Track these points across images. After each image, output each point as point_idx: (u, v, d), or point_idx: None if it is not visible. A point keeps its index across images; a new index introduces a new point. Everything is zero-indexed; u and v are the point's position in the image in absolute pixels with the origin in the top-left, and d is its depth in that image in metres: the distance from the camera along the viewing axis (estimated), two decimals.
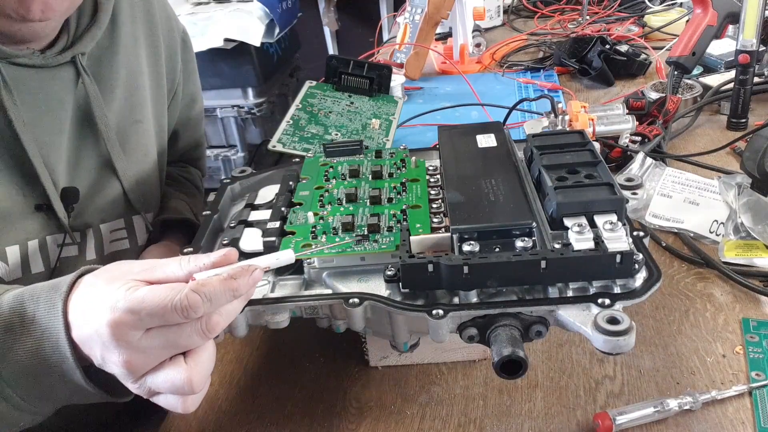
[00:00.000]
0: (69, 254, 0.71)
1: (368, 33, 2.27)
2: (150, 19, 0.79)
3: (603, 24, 1.54)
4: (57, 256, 0.70)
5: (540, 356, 0.62)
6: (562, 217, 0.52)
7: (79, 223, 0.72)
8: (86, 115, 0.70)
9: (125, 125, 0.75)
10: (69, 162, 0.70)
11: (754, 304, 0.66)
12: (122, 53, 0.74)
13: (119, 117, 0.74)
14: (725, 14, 1.00)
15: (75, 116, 0.70)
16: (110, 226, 0.75)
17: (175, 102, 0.88)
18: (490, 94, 1.23)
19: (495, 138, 0.68)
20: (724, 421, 0.53)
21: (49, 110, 0.67)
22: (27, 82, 0.65)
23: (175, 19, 0.86)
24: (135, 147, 0.77)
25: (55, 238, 0.70)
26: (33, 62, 0.65)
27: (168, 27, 0.83)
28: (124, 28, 0.75)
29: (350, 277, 0.55)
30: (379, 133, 0.90)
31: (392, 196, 0.62)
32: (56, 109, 0.68)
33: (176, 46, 0.85)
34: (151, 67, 0.80)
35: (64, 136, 0.69)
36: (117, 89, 0.74)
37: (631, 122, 0.91)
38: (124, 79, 0.75)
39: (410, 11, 1.32)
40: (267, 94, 2.30)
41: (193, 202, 0.87)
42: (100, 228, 0.74)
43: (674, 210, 0.78)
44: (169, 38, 0.84)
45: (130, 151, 0.76)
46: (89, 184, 0.72)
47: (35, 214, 0.67)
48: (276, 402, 0.61)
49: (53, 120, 0.68)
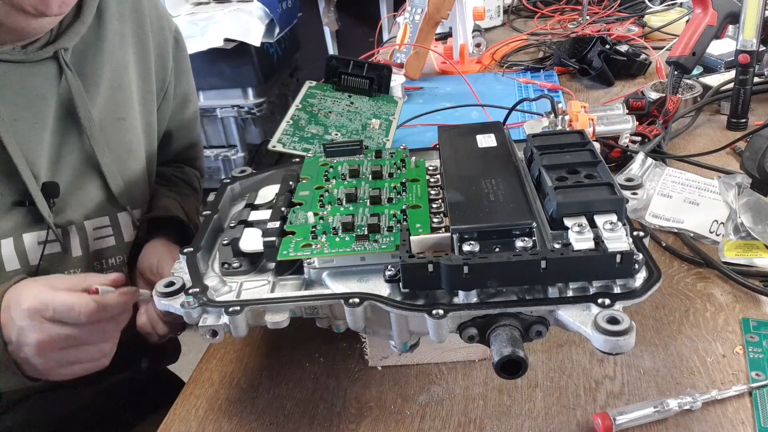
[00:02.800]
0: (53, 251, 0.71)
1: (368, 33, 2.27)
2: (139, 16, 0.79)
3: (603, 24, 1.54)
4: (41, 253, 0.69)
5: (540, 356, 0.62)
6: (562, 217, 0.52)
7: (62, 219, 0.71)
8: (69, 111, 0.70)
9: (109, 122, 0.75)
10: (51, 157, 0.69)
11: (754, 304, 0.66)
12: (108, 50, 0.74)
13: (103, 113, 0.74)
14: (725, 14, 1.00)
15: (58, 111, 0.69)
16: (94, 223, 0.75)
17: (167, 101, 0.87)
18: (490, 94, 1.23)
19: (495, 138, 0.68)
20: (724, 421, 0.53)
21: (30, 105, 0.67)
22: (8, 76, 0.65)
23: (166, 18, 0.85)
24: (119, 143, 0.76)
25: (37, 236, 0.69)
26: (14, 57, 0.65)
27: (158, 25, 0.83)
28: (110, 25, 0.74)
29: (350, 277, 0.55)
30: (379, 133, 0.90)
31: (392, 196, 0.62)
32: (38, 104, 0.67)
33: (167, 45, 0.84)
34: (139, 65, 0.80)
35: (46, 131, 0.68)
36: (101, 85, 0.73)
37: (631, 122, 0.91)
38: (108, 76, 0.74)
39: (410, 11, 1.32)
40: (267, 94, 2.30)
41: (185, 201, 0.86)
42: (84, 225, 0.73)
43: (674, 210, 0.77)
44: (160, 36, 0.83)
45: (113, 148, 0.75)
46: (71, 180, 0.71)
47: (12, 211, 0.67)
48: (276, 402, 0.61)
49: (35, 115, 0.67)
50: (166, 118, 0.88)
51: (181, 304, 0.52)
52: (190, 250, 0.59)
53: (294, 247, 0.56)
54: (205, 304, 0.52)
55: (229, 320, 0.51)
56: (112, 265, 0.77)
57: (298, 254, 0.56)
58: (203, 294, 0.53)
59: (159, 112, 0.85)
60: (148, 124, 0.82)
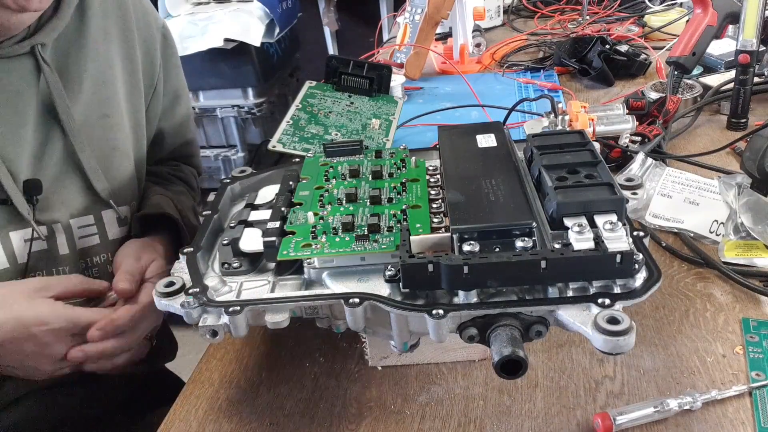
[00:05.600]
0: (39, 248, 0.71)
1: (368, 33, 2.26)
2: (123, 13, 0.78)
3: (603, 24, 1.54)
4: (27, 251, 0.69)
5: (540, 356, 0.62)
6: (562, 217, 0.52)
7: (47, 217, 0.71)
8: (50, 108, 0.70)
9: (93, 119, 0.74)
10: (33, 155, 0.69)
11: (754, 304, 0.66)
12: (91, 46, 0.74)
13: (86, 110, 0.73)
14: (725, 14, 1.00)
15: (39, 108, 0.69)
16: (79, 221, 0.74)
17: (156, 98, 0.86)
18: (490, 94, 1.23)
19: (495, 138, 0.68)
20: (724, 421, 0.53)
21: (7, 102, 0.67)
22: None
23: (153, 15, 0.85)
24: (103, 141, 0.76)
25: (23, 234, 0.69)
26: None
27: (144, 22, 0.82)
28: (93, 21, 0.74)
29: (350, 277, 0.55)
30: (379, 133, 0.90)
31: (392, 196, 0.62)
32: (15, 101, 0.67)
33: (154, 42, 0.84)
34: (125, 62, 0.79)
35: (27, 129, 0.68)
36: (84, 82, 0.73)
37: (631, 122, 0.91)
38: (92, 73, 0.74)
39: (410, 11, 1.32)
40: (267, 94, 2.29)
41: (179, 198, 0.86)
42: (70, 223, 0.73)
43: (674, 210, 0.77)
44: (146, 33, 0.82)
45: (97, 145, 0.75)
46: (54, 177, 0.71)
47: None
48: (276, 402, 0.61)
49: (12, 112, 0.67)
50: (156, 116, 0.87)
51: (181, 304, 0.52)
52: (190, 250, 0.59)
53: (294, 247, 0.56)
54: (205, 304, 0.52)
55: (229, 320, 0.51)
56: (98, 263, 0.77)
57: (298, 254, 0.56)
58: (203, 294, 0.53)
59: (149, 110, 0.85)
60: (135, 121, 0.81)
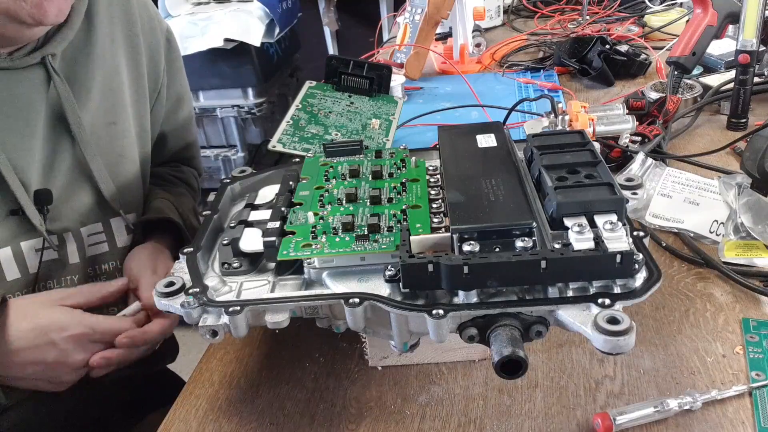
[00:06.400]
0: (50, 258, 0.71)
1: (368, 33, 2.26)
2: (129, 19, 0.78)
3: (603, 24, 1.54)
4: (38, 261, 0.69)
5: (540, 356, 0.62)
6: (562, 217, 0.52)
7: (57, 226, 0.71)
8: (60, 117, 0.69)
9: (101, 127, 0.74)
10: (43, 165, 0.69)
11: (754, 304, 0.66)
12: (98, 54, 0.73)
13: (95, 118, 0.73)
14: (725, 14, 1.00)
15: (48, 118, 0.69)
16: (89, 229, 0.74)
17: (160, 102, 0.86)
18: (490, 94, 1.23)
19: (495, 138, 0.68)
20: (724, 421, 0.53)
21: (18, 113, 0.66)
22: None
23: (158, 19, 0.85)
24: (111, 148, 0.76)
25: (33, 244, 0.69)
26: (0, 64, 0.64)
27: (150, 26, 0.82)
28: (100, 29, 0.74)
29: (350, 277, 0.55)
30: (379, 133, 0.90)
31: (392, 196, 0.62)
32: (26, 112, 0.67)
33: (159, 46, 0.84)
34: (131, 68, 0.79)
35: (36, 139, 0.68)
36: (93, 90, 0.73)
37: (631, 122, 0.91)
38: (100, 80, 0.74)
39: (410, 11, 1.32)
40: (267, 94, 2.29)
41: (180, 201, 0.86)
42: (80, 232, 0.73)
43: (674, 210, 0.77)
44: (151, 38, 0.82)
45: (105, 153, 0.75)
46: (65, 187, 0.71)
47: (8, 220, 0.66)
48: (276, 402, 0.61)
49: (23, 122, 0.67)
50: (159, 120, 0.87)
51: (181, 304, 0.52)
52: (190, 250, 0.59)
53: (294, 247, 0.56)
54: (205, 304, 0.52)
55: (229, 320, 0.51)
56: (106, 270, 0.77)
57: (298, 254, 0.56)
58: (203, 294, 0.53)
59: (152, 114, 0.85)
60: (141, 127, 0.82)
